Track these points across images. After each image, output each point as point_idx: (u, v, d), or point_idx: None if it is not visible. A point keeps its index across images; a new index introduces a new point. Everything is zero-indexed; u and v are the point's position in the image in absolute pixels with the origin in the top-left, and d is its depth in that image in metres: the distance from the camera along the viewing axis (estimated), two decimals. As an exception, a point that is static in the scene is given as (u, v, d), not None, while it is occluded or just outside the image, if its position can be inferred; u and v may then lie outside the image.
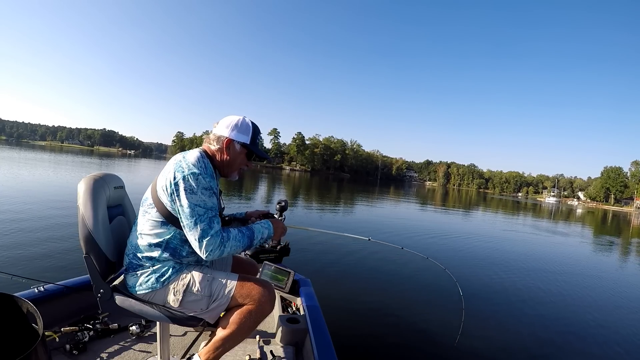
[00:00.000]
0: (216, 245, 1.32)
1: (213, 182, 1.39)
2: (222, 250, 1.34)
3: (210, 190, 1.36)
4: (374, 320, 3.67)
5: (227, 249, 1.36)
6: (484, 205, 31.89)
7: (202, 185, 1.33)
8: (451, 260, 6.83)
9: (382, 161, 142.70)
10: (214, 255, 1.33)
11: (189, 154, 1.41)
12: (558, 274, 6.76)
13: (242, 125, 1.50)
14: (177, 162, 1.37)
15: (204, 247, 1.31)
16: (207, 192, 1.35)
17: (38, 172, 15.95)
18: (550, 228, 16.90)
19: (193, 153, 1.41)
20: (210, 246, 1.31)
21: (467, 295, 4.82)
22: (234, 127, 1.48)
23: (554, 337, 3.76)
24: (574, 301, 5.12)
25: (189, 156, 1.39)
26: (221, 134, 1.48)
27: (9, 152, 35.35)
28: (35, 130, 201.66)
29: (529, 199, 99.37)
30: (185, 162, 1.36)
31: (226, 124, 1.49)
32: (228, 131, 1.48)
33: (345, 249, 6.64)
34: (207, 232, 1.31)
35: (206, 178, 1.35)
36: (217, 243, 1.32)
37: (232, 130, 1.48)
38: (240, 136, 1.49)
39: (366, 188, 40.44)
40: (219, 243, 1.33)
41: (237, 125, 1.49)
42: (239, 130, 1.49)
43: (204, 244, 1.31)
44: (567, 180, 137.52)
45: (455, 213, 19.52)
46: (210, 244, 1.31)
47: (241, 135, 1.49)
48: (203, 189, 1.33)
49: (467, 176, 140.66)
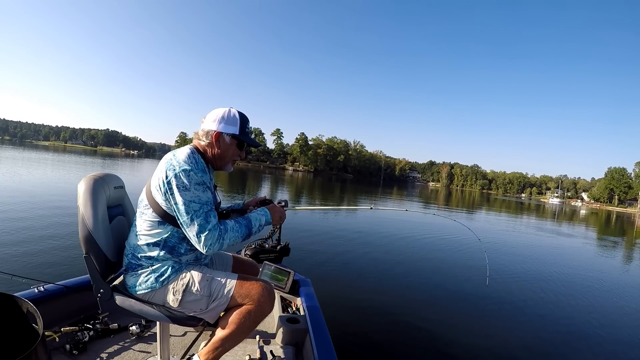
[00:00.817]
0: (215, 238, 1.32)
1: (206, 176, 1.39)
2: (221, 243, 1.35)
3: (203, 185, 1.36)
4: (374, 320, 3.66)
5: (227, 241, 1.36)
6: (487, 206, 31.75)
7: (195, 181, 1.34)
8: (456, 261, 6.82)
9: (385, 162, 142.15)
10: (214, 248, 1.34)
11: (178, 152, 1.41)
12: (559, 275, 6.72)
13: (229, 116, 1.49)
14: (167, 160, 1.38)
15: (203, 242, 1.31)
16: (201, 187, 1.35)
17: (38, 171, 16.05)
18: (555, 229, 16.82)
19: (183, 150, 1.42)
20: (209, 240, 1.32)
21: (475, 294, 4.82)
22: (221, 119, 1.48)
23: (555, 337, 3.73)
24: (576, 302, 5.08)
25: (179, 153, 1.40)
26: (209, 128, 1.48)
27: (12, 151, 35.58)
28: (39, 130, 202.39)
29: (532, 200, 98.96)
30: (176, 159, 1.37)
31: (213, 118, 1.49)
32: (216, 124, 1.47)
33: (345, 249, 6.64)
34: (205, 227, 1.31)
35: (198, 173, 1.35)
36: (216, 236, 1.33)
37: (219, 123, 1.47)
38: (228, 128, 1.48)
39: (369, 189, 40.43)
40: (218, 236, 1.33)
41: (224, 117, 1.48)
42: (227, 122, 1.48)
43: (202, 238, 1.31)
44: (571, 181, 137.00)
45: (458, 213, 19.44)
46: (209, 238, 1.31)
47: (229, 127, 1.48)
48: (196, 185, 1.34)
49: (470, 177, 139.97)
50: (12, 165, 18.29)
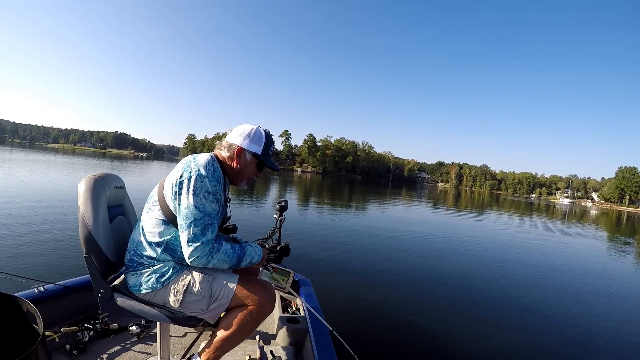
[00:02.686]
0: (204, 253, 1.30)
1: (219, 187, 1.38)
2: (208, 260, 1.32)
3: (213, 195, 1.35)
4: (374, 321, 3.63)
5: (214, 261, 1.34)
6: (496, 207, 31.21)
7: (206, 189, 1.32)
8: (459, 259, 6.76)
9: (394, 162, 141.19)
10: (199, 262, 1.31)
11: (199, 156, 1.41)
12: (569, 276, 6.60)
13: (255, 135, 1.49)
14: (187, 162, 1.38)
15: (190, 252, 1.30)
16: (210, 196, 1.34)
17: (44, 173, 16.22)
18: (565, 230, 16.57)
19: (204, 156, 1.42)
20: (197, 252, 1.30)
21: (475, 294, 4.76)
22: (247, 136, 1.48)
23: (564, 339, 3.67)
24: (586, 304, 4.98)
25: (200, 158, 1.39)
26: (233, 141, 1.48)
27: (19, 154, 36.10)
28: (48, 133, 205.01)
29: (542, 200, 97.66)
30: (195, 162, 1.36)
31: (239, 132, 1.49)
32: (240, 140, 1.47)
33: (345, 249, 6.62)
34: (198, 238, 1.30)
35: (212, 182, 1.34)
36: (206, 251, 1.30)
37: (244, 139, 1.47)
38: (252, 146, 1.48)
39: (378, 189, 40.09)
40: (207, 252, 1.31)
41: (250, 134, 1.48)
42: (252, 140, 1.48)
43: (191, 248, 1.29)
44: (581, 181, 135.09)
45: (467, 215, 19.23)
46: (198, 250, 1.29)
47: (253, 145, 1.48)
48: (206, 193, 1.32)
49: (479, 177, 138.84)
50: (18, 167, 18.50)
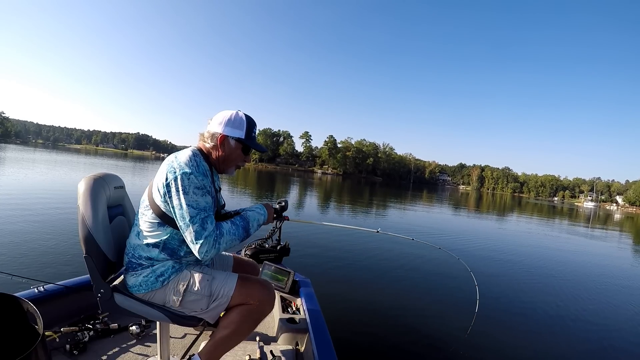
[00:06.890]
0: (210, 245, 1.31)
1: (206, 180, 1.38)
2: (217, 248, 1.33)
3: (203, 189, 1.35)
4: (374, 320, 3.65)
5: (223, 246, 1.35)
6: (518, 210, 30.08)
7: (195, 185, 1.32)
8: (459, 260, 6.74)
9: (415, 164, 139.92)
10: (210, 254, 1.33)
11: (180, 154, 1.40)
12: (593, 280, 6.47)
13: (236, 119, 1.47)
14: (169, 163, 1.37)
15: (199, 249, 1.31)
16: (200, 191, 1.34)
17: (50, 173, 15.94)
18: (600, 235, 16.05)
19: (185, 152, 1.41)
20: (204, 247, 1.30)
21: (482, 299, 4.69)
22: (227, 122, 1.46)
23: (568, 341, 3.66)
24: (601, 309, 4.86)
25: (181, 156, 1.38)
26: (215, 130, 1.46)
27: (40, 154, 35.36)
28: (71, 134, 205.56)
29: (565, 203, 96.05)
30: (177, 162, 1.35)
31: (219, 120, 1.47)
32: (221, 127, 1.45)
33: (345, 249, 6.63)
34: (201, 234, 1.30)
35: (198, 177, 1.34)
36: (211, 243, 1.31)
37: (225, 126, 1.45)
38: (234, 131, 1.46)
39: (398, 192, 39.45)
40: (213, 242, 1.32)
41: (231, 120, 1.46)
42: (233, 125, 1.46)
43: (198, 245, 1.30)
44: (605, 183, 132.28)
45: (490, 218, 18.68)
46: (204, 245, 1.30)
47: (235, 131, 1.46)
48: (195, 189, 1.32)
49: (501, 180, 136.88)
50: (45, 166, 18.01)
